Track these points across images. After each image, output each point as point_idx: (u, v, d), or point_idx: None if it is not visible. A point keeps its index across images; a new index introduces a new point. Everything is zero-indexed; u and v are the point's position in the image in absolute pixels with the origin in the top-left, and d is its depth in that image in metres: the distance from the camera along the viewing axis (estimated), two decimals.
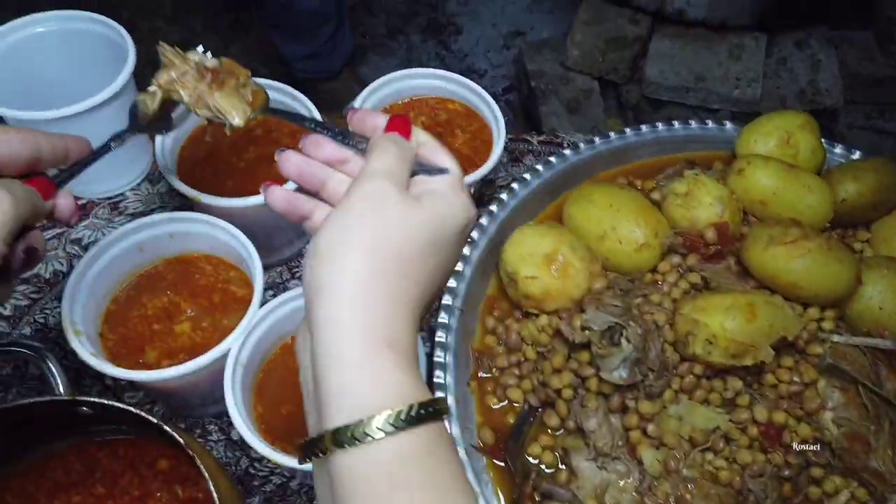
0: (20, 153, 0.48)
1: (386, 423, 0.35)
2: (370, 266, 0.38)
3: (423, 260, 0.41)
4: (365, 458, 0.35)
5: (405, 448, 0.35)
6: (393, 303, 0.38)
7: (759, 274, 0.76)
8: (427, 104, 0.83)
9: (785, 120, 0.87)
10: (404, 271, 0.39)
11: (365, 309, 0.37)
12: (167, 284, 0.69)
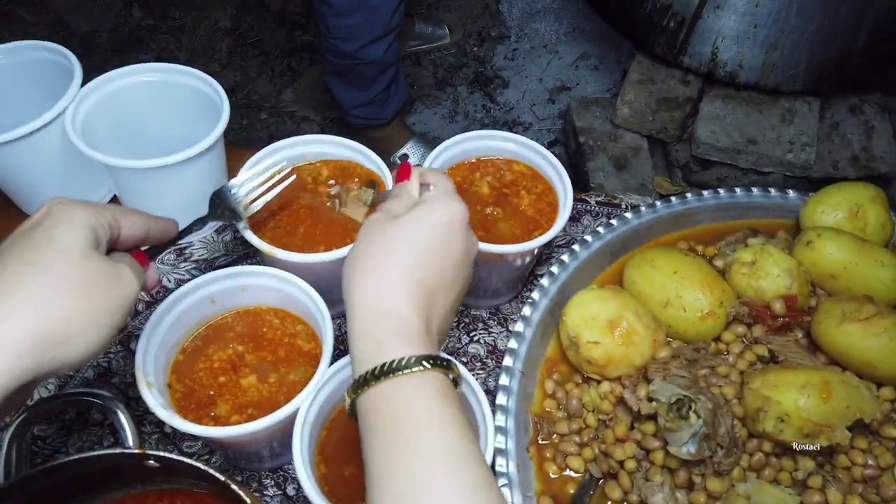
0: (137, 234, 0.56)
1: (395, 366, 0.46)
2: (372, 272, 0.52)
3: (413, 256, 0.52)
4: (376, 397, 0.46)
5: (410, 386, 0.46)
6: (392, 289, 0.51)
7: (830, 350, 0.74)
8: (493, 164, 0.84)
9: (854, 191, 0.86)
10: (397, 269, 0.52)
11: (374, 298, 0.51)
12: (234, 336, 0.70)
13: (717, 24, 1.43)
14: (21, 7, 2.40)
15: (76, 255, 0.48)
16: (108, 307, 0.49)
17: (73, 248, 0.48)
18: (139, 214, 0.56)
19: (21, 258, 0.47)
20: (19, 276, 0.46)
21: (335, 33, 1.59)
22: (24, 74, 0.84)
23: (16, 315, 0.45)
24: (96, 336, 0.48)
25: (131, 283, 0.51)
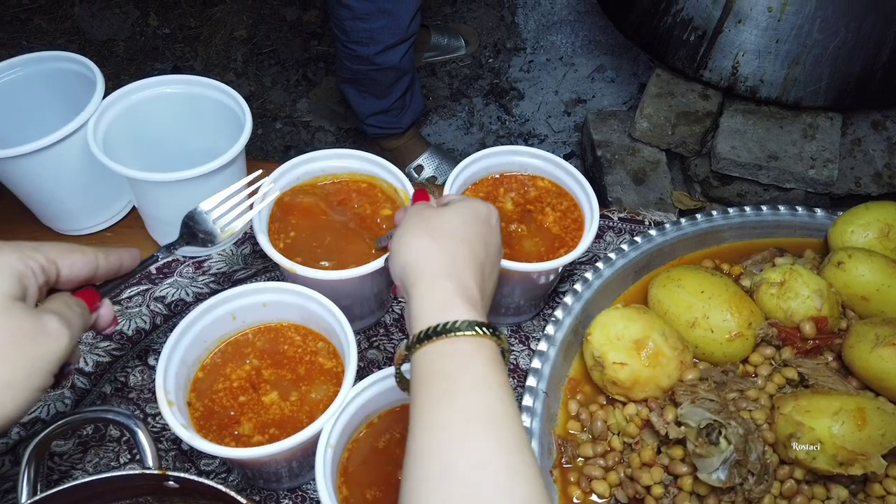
0: (81, 273, 0.51)
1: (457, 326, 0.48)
2: (431, 240, 0.54)
3: (463, 232, 0.55)
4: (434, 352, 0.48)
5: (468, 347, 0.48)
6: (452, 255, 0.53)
7: (863, 375, 0.73)
8: (517, 180, 0.83)
9: (884, 211, 0.85)
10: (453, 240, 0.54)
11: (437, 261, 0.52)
12: (254, 352, 0.69)
13: (739, 38, 1.41)
14: (39, 15, 2.41)
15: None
16: (27, 369, 0.44)
17: None
18: (83, 252, 0.52)
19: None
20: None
21: (353, 37, 1.58)
22: (45, 84, 0.84)
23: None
24: (11, 401, 0.44)
25: (58, 338, 0.46)
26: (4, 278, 0.45)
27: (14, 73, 0.82)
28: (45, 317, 0.46)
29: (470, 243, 0.55)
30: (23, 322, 0.45)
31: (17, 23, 2.39)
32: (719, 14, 1.41)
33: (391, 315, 0.86)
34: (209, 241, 0.66)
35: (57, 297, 0.50)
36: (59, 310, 0.48)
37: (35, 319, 0.46)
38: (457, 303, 0.50)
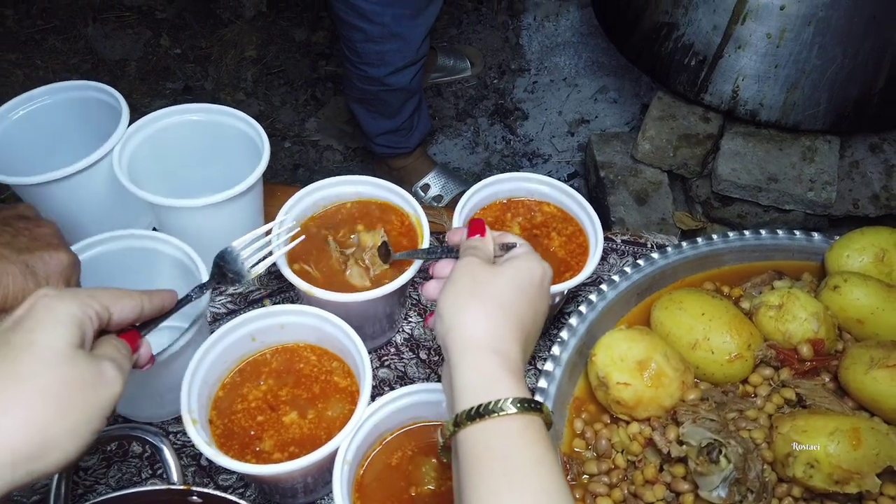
0: (129, 317, 0.54)
1: (507, 405, 0.48)
2: (480, 308, 0.53)
3: (514, 301, 0.54)
4: (486, 431, 0.48)
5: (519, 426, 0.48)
6: (500, 328, 0.52)
7: (858, 396, 0.75)
8: (524, 205, 0.86)
9: (879, 236, 0.87)
10: (503, 309, 0.53)
11: (483, 332, 0.52)
12: (271, 372, 0.71)
13: (739, 63, 1.45)
14: (53, 35, 2.46)
15: (58, 361, 0.46)
16: (89, 415, 0.46)
17: (56, 352, 0.46)
18: (131, 296, 0.54)
19: (2, 367, 0.45)
20: (1, 387, 0.44)
21: (365, 59, 1.63)
22: (72, 112, 0.88)
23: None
24: (73, 447, 0.45)
25: (114, 384, 0.48)
26: (66, 327, 0.47)
27: (42, 101, 0.85)
28: (103, 364, 0.48)
29: (520, 313, 0.54)
30: (84, 371, 0.47)
31: (32, 43, 2.44)
32: (719, 40, 1.45)
33: (402, 335, 0.89)
34: (237, 281, 0.69)
35: (107, 342, 0.51)
36: (112, 356, 0.50)
37: (95, 368, 0.47)
38: (503, 378, 0.50)
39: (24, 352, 0.45)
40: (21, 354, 0.45)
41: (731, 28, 1.43)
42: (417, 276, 0.93)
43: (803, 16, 1.36)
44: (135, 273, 0.76)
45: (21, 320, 0.47)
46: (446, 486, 0.66)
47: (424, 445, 0.68)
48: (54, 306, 0.48)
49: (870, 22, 1.35)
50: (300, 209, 0.81)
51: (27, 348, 0.45)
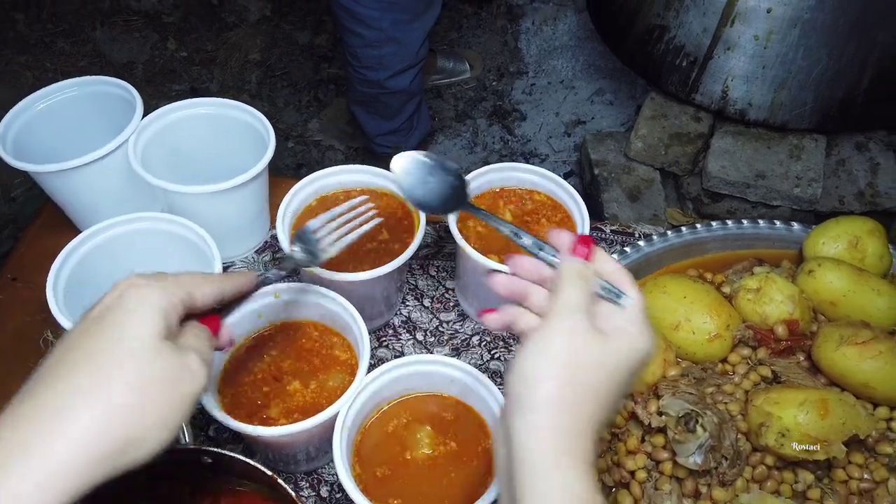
0: (210, 302, 0.53)
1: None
2: (562, 390, 0.46)
3: (607, 387, 0.47)
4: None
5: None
6: (578, 420, 0.45)
7: (829, 372, 0.79)
8: (515, 194, 0.90)
9: (853, 225, 0.92)
10: (590, 396, 0.46)
11: (556, 424, 0.45)
12: (276, 347, 0.76)
13: (728, 64, 1.50)
14: (62, 38, 2.52)
15: (146, 356, 0.45)
16: (174, 409, 0.46)
17: (144, 346, 0.45)
18: (212, 281, 0.53)
19: (91, 359, 0.44)
20: (89, 381, 0.43)
21: (364, 63, 1.68)
22: (90, 105, 0.93)
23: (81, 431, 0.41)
24: (158, 441, 0.45)
25: (199, 376, 0.47)
26: (155, 320, 0.46)
27: (63, 94, 0.91)
28: (189, 357, 0.47)
29: (610, 402, 0.48)
30: (171, 365, 0.46)
31: (42, 46, 2.50)
32: (709, 42, 1.50)
33: (399, 317, 0.93)
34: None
35: (190, 331, 0.51)
36: (196, 346, 0.49)
37: (180, 361, 0.46)
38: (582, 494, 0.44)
39: (116, 343, 0.44)
40: (110, 347, 0.44)
41: (720, 30, 1.48)
42: (415, 262, 0.98)
43: (789, 18, 1.41)
44: (149, 253, 0.81)
45: (109, 310, 0.46)
46: (439, 450, 0.70)
47: (419, 414, 0.73)
48: (144, 297, 0.47)
49: (854, 24, 1.40)
50: (304, 196, 0.85)
51: (117, 342, 0.45)
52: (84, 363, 0.44)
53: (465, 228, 0.87)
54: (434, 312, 0.94)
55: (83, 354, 0.44)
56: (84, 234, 0.78)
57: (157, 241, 0.82)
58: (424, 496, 0.67)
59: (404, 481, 0.68)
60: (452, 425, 0.72)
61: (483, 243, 0.86)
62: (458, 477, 0.69)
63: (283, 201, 0.82)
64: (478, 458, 0.70)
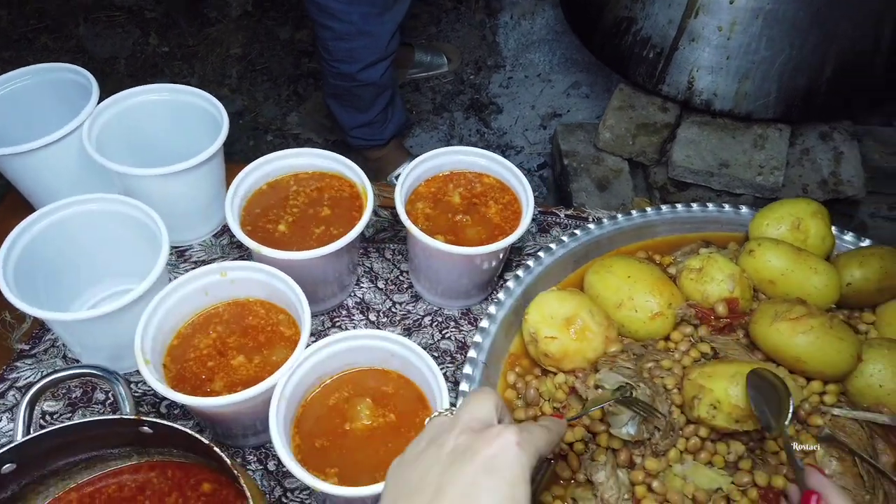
0: None
1: None
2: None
3: None
4: None
5: None
6: None
7: (764, 347, 0.82)
8: (465, 177, 0.92)
9: (796, 207, 0.94)
10: None
11: None
12: (223, 323, 0.78)
13: (693, 55, 1.52)
14: (45, 34, 2.54)
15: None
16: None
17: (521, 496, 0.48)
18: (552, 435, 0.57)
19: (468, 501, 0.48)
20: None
21: (336, 56, 1.70)
22: (49, 92, 0.94)
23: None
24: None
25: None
26: (527, 486, 0.49)
27: (22, 81, 0.93)
28: None
29: None
30: None
31: (25, 41, 2.52)
32: (674, 33, 1.52)
33: (353, 298, 0.95)
34: None
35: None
36: None
37: None
38: None
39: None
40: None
41: (685, 21, 1.50)
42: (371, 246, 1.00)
43: (752, 9, 1.43)
44: (100, 233, 0.83)
45: (493, 464, 0.49)
46: (378, 422, 0.72)
47: (360, 388, 0.75)
48: (522, 461, 0.50)
49: (815, 15, 1.42)
50: (253, 179, 0.87)
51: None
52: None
53: (414, 210, 0.89)
54: (388, 294, 0.96)
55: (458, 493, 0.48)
56: (35, 214, 0.80)
57: (107, 222, 0.83)
58: (361, 465, 0.69)
59: (342, 452, 0.70)
60: (392, 398, 0.74)
61: (430, 224, 0.88)
62: (395, 447, 0.70)
63: (231, 184, 0.84)
64: (415, 429, 0.72)
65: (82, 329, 0.76)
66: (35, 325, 0.89)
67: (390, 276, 0.98)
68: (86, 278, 0.88)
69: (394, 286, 0.97)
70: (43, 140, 0.85)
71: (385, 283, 0.97)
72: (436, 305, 0.96)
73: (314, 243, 0.84)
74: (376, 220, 1.03)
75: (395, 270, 0.99)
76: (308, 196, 0.89)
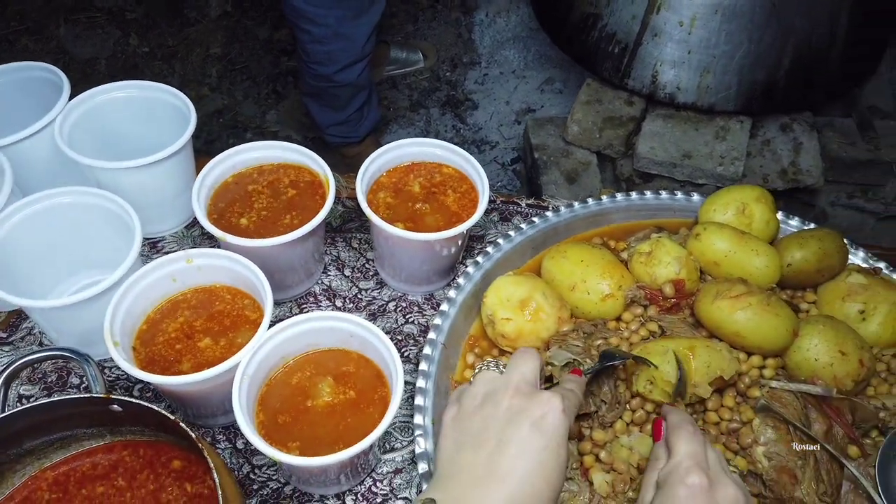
0: None
1: None
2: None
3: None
4: None
5: None
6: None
7: (707, 324, 0.86)
8: (425, 167, 0.96)
9: (742, 193, 0.98)
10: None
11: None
12: (190, 308, 0.82)
13: (656, 50, 1.57)
14: (26, 36, 2.56)
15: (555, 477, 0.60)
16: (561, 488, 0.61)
17: (559, 470, 0.60)
18: (580, 392, 0.70)
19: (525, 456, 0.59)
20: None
21: (314, 58, 1.74)
22: (22, 90, 0.98)
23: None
24: None
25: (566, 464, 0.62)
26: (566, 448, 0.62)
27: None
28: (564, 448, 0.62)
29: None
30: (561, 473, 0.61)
31: (6, 43, 2.53)
32: (638, 29, 1.56)
33: (320, 286, 0.99)
34: None
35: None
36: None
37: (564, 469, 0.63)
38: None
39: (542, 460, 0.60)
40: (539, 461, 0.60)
41: (647, 17, 1.55)
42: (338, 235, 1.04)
43: (710, 4, 1.48)
44: (74, 225, 0.86)
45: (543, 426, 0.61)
46: (338, 398, 0.76)
47: (322, 367, 0.79)
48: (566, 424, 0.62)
49: (771, 10, 1.47)
50: (220, 171, 0.91)
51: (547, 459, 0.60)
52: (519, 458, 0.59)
53: (376, 200, 0.93)
54: (354, 281, 1.00)
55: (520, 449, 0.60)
56: (10, 207, 0.83)
57: (82, 214, 0.87)
58: (322, 439, 0.73)
59: (304, 427, 0.74)
60: (353, 376, 0.78)
61: (391, 213, 0.92)
62: (354, 422, 0.74)
63: (198, 176, 0.87)
64: (373, 405, 0.76)
65: (59, 316, 0.80)
66: (12, 315, 0.92)
67: (356, 264, 1.02)
68: (62, 269, 0.91)
69: (360, 274, 1.01)
70: (14, 136, 0.88)
71: (351, 270, 1.01)
72: (400, 291, 1.00)
73: (280, 232, 0.87)
74: (343, 210, 1.07)
75: (361, 259, 1.03)
76: (273, 187, 0.92)
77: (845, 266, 0.94)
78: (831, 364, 0.82)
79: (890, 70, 1.84)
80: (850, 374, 0.82)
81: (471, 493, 0.58)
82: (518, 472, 0.58)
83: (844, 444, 0.80)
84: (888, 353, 0.88)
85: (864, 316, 0.89)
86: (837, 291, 0.92)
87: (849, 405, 0.82)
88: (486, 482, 0.58)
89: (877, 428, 0.82)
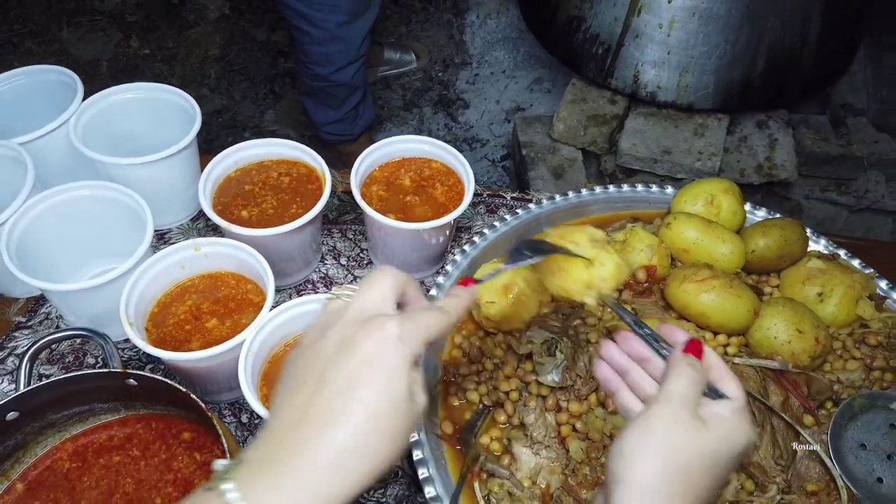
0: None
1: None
2: (661, 475, 0.49)
3: (704, 475, 0.50)
4: None
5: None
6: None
7: (676, 306, 0.93)
8: (414, 163, 1.03)
9: (711, 185, 1.06)
10: (687, 483, 0.49)
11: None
12: (198, 293, 0.88)
13: (638, 51, 1.64)
14: (29, 39, 2.62)
15: (394, 412, 0.46)
16: (404, 442, 0.48)
17: (396, 403, 0.46)
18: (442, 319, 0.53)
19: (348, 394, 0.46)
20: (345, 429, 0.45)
21: (311, 59, 1.81)
22: (39, 91, 1.04)
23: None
24: (387, 466, 0.47)
25: (421, 404, 0.49)
26: (407, 378, 0.47)
27: (14, 81, 1.02)
28: (418, 401, 0.49)
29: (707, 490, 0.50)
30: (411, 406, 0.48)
31: (10, 46, 2.59)
32: (620, 31, 1.64)
33: (318, 273, 1.06)
34: None
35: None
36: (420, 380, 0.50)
37: (415, 410, 0.48)
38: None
39: (368, 400, 0.46)
40: (363, 400, 0.46)
41: (629, 20, 1.62)
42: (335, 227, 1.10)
43: (688, 7, 1.55)
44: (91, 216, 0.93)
45: (372, 357, 0.47)
46: None
47: None
48: (403, 353, 0.48)
49: (746, 13, 1.54)
50: (224, 166, 0.98)
51: (374, 397, 0.46)
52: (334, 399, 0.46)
53: (369, 193, 1.00)
54: (349, 269, 1.07)
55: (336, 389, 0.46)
56: (32, 199, 0.90)
57: (98, 206, 0.93)
58: None
59: None
60: None
61: (383, 204, 0.99)
62: None
63: (204, 171, 0.94)
64: None
65: (77, 299, 0.86)
66: (30, 301, 0.99)
67: (352, 253, 1.09)
68: (79, 257, 0.98)
69: (355, 262, 1.08)
70: (32, 134, 0.94)
71: (347, 259, 1.08)
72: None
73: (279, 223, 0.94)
74: (338, 203, 1.14)
75: (356, 248, 1.10)
76: (273, 181, 0.99)
77: (806, 252, 1.01)
78: (789, 342, 0.89)
79: (863, 69, 1.92)
80: (807, 350, 0.89)
81: (277, 449, 0.46)
82: (337, 418, 0.45)
83: (800, 414, 0.87)
84: (843, 332, 0.95)
85: (822, 298, 0.96)
86: (798, 276, 0.99)
87: (805, 379, 0.89)
88: (297, 432, 0.46)
89: (831, 399, 0.89)
